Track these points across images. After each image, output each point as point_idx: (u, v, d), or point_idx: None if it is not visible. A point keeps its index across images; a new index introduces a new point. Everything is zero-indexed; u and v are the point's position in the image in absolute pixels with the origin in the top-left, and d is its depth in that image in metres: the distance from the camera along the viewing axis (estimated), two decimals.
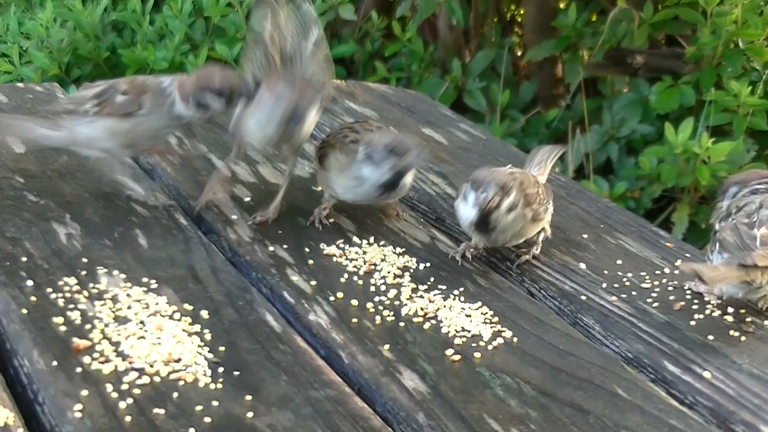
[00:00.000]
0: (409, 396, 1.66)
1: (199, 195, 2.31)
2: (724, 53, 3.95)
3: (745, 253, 1.89)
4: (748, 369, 1.77)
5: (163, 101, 2.22)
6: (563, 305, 2.00)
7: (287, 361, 1.72)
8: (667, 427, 1.62)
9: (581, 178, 4.12)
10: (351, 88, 3.24)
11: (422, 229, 2.26)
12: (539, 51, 4.58)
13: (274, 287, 1.98)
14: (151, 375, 1.64)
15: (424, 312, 1.91)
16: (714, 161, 3.58)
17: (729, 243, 1.94)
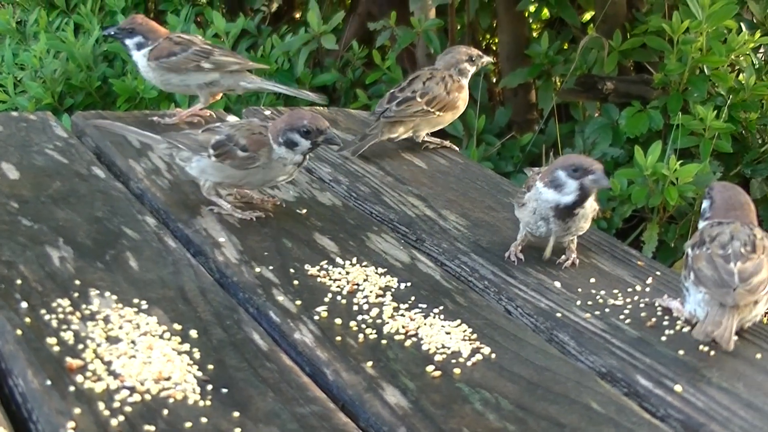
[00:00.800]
0: (391, 411, 1.69)
1: (187, 219, 2.36)
2: (690, 79, 4.00)
3: (725, 291, 1.91)
4: (717, 382, 1.81)
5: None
6: (539, 322, 2.04)
7: (274, 379, 1.75)
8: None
9: None
10: (334, 114, 3.29)
11: (403, 250, 2.30)
12: (513, 78, 4.63)
13: (261, 307, 2.01)
14: (142, 393, 1.66)
15: (405, 330, 1.95)
16: (682, 182, 3.62)
17: (707, 277, 1.95)
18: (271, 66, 4.71)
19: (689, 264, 2.01)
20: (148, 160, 2.69)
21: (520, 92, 4.85)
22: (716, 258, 1.97)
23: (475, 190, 2.68)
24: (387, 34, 4.65)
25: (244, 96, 4.69)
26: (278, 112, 3.20)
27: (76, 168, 2.61)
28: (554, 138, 4.41)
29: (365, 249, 2.29)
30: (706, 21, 3.86)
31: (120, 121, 2.90)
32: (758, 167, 4.17)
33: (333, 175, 2.74)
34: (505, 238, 2.37)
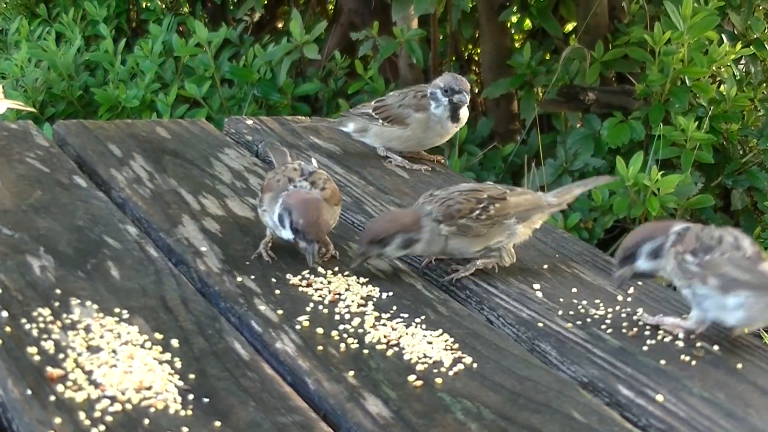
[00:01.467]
0: (373, 421, 1.69)
1: (169, 228, 2.36)
2: (672, 90, 4.02)
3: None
4: (699, 392, 1.81)
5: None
6: (521, 332, 2.04)
7: (255, 388, 1.75)
8: None
9: None
10: (316, 123, 3.28)
11: (385, 260, 2.30)
12: (496, 88, 4.65)
13: (243, 316, 2.01)
14: (123, 402, 1.66)
15: (387, 339, 1.94)
16: (663, 193, 3.63)
17: (747, 281, 1.94)
18: (253, 76, 4.71)
19: (701, 272, 1.98)
20: (130, 169, 2.68)
21: (503, 102, 4.86)
22: (742, 261, 1.97)
23: None
24: (369, 44, 4.66)
25: (226, 106, 4.70)
26: (260, 121, 3.20)
27: (58, 177, 2.60)
28: (536, 148, 4.43)
29: (347, 258, 2.29)
30: (688, 32, 3.88)
31: (101, 131, 2.91)
32: (739, 178, 4.19)
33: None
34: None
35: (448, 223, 2.21)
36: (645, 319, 2.07)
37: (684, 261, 2.00)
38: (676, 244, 2.02)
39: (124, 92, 4.61)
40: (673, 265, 2.02)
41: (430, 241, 2.22)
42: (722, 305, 1.96)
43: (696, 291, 1.98)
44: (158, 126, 3.08)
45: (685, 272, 1.99)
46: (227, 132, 3.14)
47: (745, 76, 4.43)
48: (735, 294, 1.95)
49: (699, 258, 1.99)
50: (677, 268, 2.01)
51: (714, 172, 4.20)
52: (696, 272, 1.98)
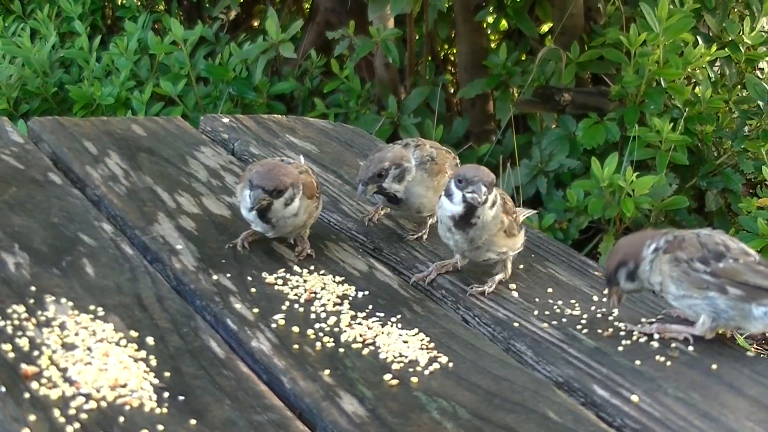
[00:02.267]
0: (348, 420, 1.69)
1: (144, 226, 2.35)
2: (647, 91, 4.04)
3: None
4: (674, 393, 1.82)
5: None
6: (497, 332, 2.05)
7: (231, 386, 1.75)
8: None
9: None
10: (292, 122, 3.27)
11: (361, 259, 2.30)
12: (471, 88, 4.65)
13: (218, 314, 2.01)
14: (98, 400, 1.65)
15: (362, 338, 1.95)
16: (638, 194, 3.64)
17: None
18: (228, 74, 4.70)
19: (717, 281, 1.96)
20: (105, 166, 2.67)
21: (478, 103, 4.87)
22: (759, 266, 1.97)
23: None
24: (345, 43, 4.65)
25: (201, 104, 4.69)
26: (236, 119, 3.20)
27: (33, 174, 2.59)
28: (511, 149, 4.43)
29: (323, 257, 2.29)
30: (663, 34, 3.89)
31: (77, 128, 2.90)
32: (714, 180, 4.21)
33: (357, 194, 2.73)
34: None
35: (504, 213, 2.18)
36: (644, 329, 2.04)
37: (693, 270, 1.97)
38: (674, 250, 2.00)
39: (99, 90, 4.59)
40: (669, 274, 1.99)
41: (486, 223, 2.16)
42: (747, 315, 1.97)
43: (714, 301, 1.97)
44: (134, 123, 3.07)
45: (697, 281, 1.97)
46: (203, 130, 3.13)
47: (720, 78, 4.45)
48: (762, 303, 1.95)
49: (711, 266, 1.97)
50: (682, 277, 1.98)
51: (688, 173, 4.22)
52: (712, 281, 1.96)
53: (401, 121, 4.62)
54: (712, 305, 1.97)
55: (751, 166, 4.19)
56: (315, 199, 2.32)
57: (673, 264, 1.98)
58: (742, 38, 4.33)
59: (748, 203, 3.87)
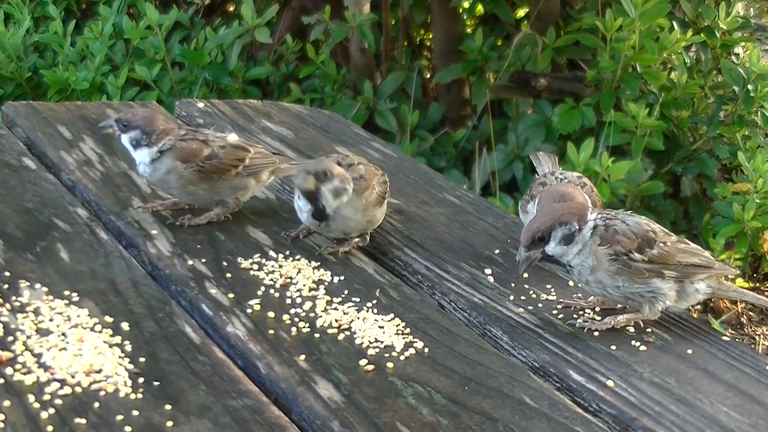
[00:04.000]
0: (324, 405, 1.69)
1: (119, 211, 2.34)
2: (623, 77, 4.05)
3: None
4: (649, 377, 1.83)
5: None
6: (472, 317, 2.05)
7: (206, 372, 1.74)
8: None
9: (488, 195, 4.18)
10: (267, 108, 3.25)
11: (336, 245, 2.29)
12: (447, 74, 4.66)
13: (193, 300, 2.00)
14: (73, 385, 1.65)
15: (338, 323, 1.94)
16: (614, 179, 3.66)
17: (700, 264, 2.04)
18: (204, 59, 4.69)
19: (655, 267, 1.99)
20: (80, 151, 2.66)
21: (454, 88, 4.88)
22: (682, 245, 2.04)
23: (408, 185, 2.68)
24: (321, 28, 4.65)
25: (176, 89, 4.67)
26: (212, 104, 3.19)
27: (6, 159, 2.58)
28: (487, 134, 4.45)
29: (299, 242, 2.28)
30: (639, 19, 3.91)
31: (51, 113, 2.88)
32: (689, 165, 4.23)
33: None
34: (439, 233, 2.38)
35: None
36: (597, 326, 2.00)
37: (632, 261, 1.98)
38: (611, 244, 1.98)
39: (73, 74, 4.57)
40: (607, 268, 1.98)
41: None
42: (683, 292, 2.01)
43: (654, 286, 1.99)
44: (109, 108, 3.06)
45: (637, 272, 1.98)
46: (178, 115, 3.12)
47: (696, 63, 4.47)
48: (694, 280, 2.00)
49: (647, 254, 1.99)
50: (621, 271, 1.98)
51: (664, 159, 4.24)
52: (650, 269, 1.98)
53: (377, 106, 4.63)
54: (652, 291, 1.99)
55: (727, 152, 4.22)
56: (373, 198, 2.29)
57: (612, 258, 1.97)
58: (717, 23, 4.35)
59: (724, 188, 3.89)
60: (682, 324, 2.03)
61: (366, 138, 3.08)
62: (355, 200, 2.24)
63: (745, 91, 4.07)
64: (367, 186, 2.28)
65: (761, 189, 3.77)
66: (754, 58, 4.08)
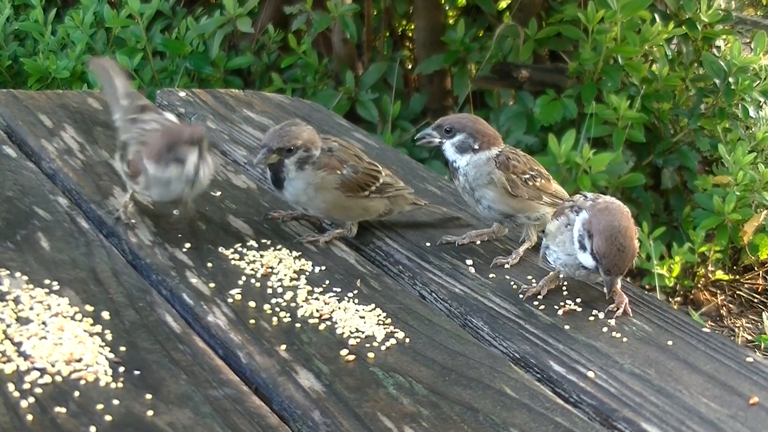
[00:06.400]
0: (305, 395, 1.69)
1: (100, 200, 2.34)
2: (604, 69, 4.06)
3: None
4: (630, 369, 1.83)
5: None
6: (453, 307, 2.05)
7: (187, 361, 1.74)
8: (552, 424, 1.67)
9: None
10: (249, 97, 3.25)
11: (318, 234, 2.29)
12: (429, 64, 4.66)
13: (174, 289, 2.00)
14: (53, 374, 1.65)
15: (319, 313, 1.94)
16: (595, 171, 3.67)
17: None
18: (185, 48, 4.68)
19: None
20: (60, 140, 2.65)
21: (436, 79, 4.88)
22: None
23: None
24: (303, 18, 4.65)
25: (157, 78, 4.66)
26: (193, 94, 3.18)
27: None
28: None
29: (280, 232, 2.28)
30: (621, 11, 3.92)
31: (32, 101, 2.87)
32: (670, 157, 4.24)
33: (248, 158, 2.72)
34: (420, 223, 2.38)
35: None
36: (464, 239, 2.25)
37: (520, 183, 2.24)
38: (505, 169, 2.22)
39: (54, 63, 4.55)
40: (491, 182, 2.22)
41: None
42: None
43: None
44: (89, 97, 3.05)
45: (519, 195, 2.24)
46: (160, 104, 3.11)
47: (677, 55, 4.48)
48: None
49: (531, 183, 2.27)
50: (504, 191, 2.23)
51: (645, 150, 4.25)
52: (531, 194, 2.27)
53: (358, 96, 4.63)
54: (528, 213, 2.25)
55: (707, 144, 4.24)
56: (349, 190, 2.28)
57: (505, 179, 2.22)
58: (699, 16, 4.36)
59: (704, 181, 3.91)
60: (662, 315, 2.03)
61: (348, 128, 3.08)
62: (310, 173, 2.23)
63: (726, 83, 4.08)
64: (330, 165, 2.25)
65: (741, 181, 3.79)
66: (734, 51, 4.09)
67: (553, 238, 2.06)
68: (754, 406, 1.75)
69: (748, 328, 4.14)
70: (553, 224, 2.07)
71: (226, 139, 2.82)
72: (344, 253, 2.22)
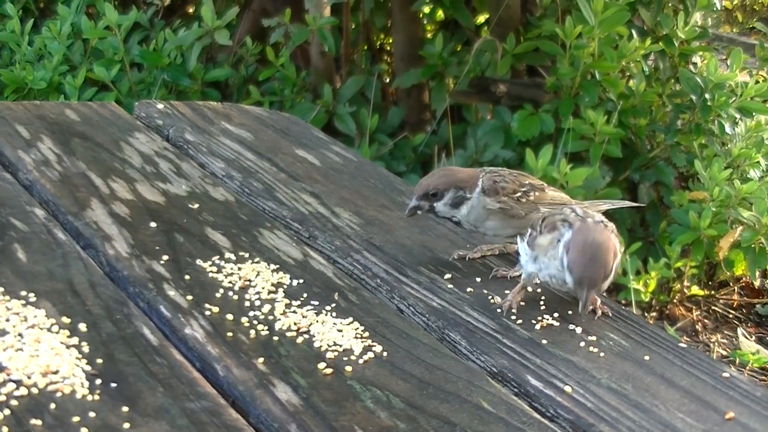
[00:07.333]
0: (282, 408, 1.68)
1: (78, 212, 2.32)
2: (582, 84, 4.08)
3: None
4: (607, 383, 1.83)
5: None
6: (431, 321, 2.04)
7: (164, 374, 1.73)
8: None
9: None
10: (227, 110, 3.24)
11: (296, 247, 2.29)
12: (407, 78, 4.68)
13: (151, 301, 1.99)
14: (29, 386, 1.63)
15: (297, 326, 1.94)
16: (572, 186, 3.67)
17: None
18: (163, 60, 4.68)
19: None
20: (38, 151, 2.64)
21: (414, 93, 4.89)
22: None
23: (368, 189, 2.68)
24: (281, 31, 4.66)
25: (135, 90, 4.66)
26: (171, 106, 3.18)
27: None
28: (446, 139, 4.46)
29: (258, 245, 2.28)
30: (599, 27, 3.94)
31: (9, 111, 2.86)
32: (646, 173, 4.26)
33: (226, 170, 2.72)
34: (398, 237, 2.38)
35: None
36: (470, 254, 2.29)
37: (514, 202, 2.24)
38: (495, 195, 2.23)
39: (31, 74, 4.55)
40: (489, 214, 2.24)
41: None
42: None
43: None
44: (67, 108, 3.04)
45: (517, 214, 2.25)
46: (137, 116, 3.11)
47: (654, 71, 4.50)
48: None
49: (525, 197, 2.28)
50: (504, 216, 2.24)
51: (622, 166, 4.27)
52: (529, 208, 2.26)
53: (336, 109, 4.64)
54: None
55: (684, 160, 4.26)
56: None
57: (499, 208, 2.24)
58: (676, 32, 4.38)
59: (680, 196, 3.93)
60: (639, 331, 2.03)
61: (326, 141, 3.07)
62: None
63: (703, 100, 4.10)
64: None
65: (717, 197, 3.80)
66: (711, 67, 4.11)
67: (544, 251, 2.05)
68: (729, 421, 1.75)
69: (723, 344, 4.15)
70: (545, 238, 2.06)
71: (204, 152, 2.82)
72: (322, 267, 2.22)
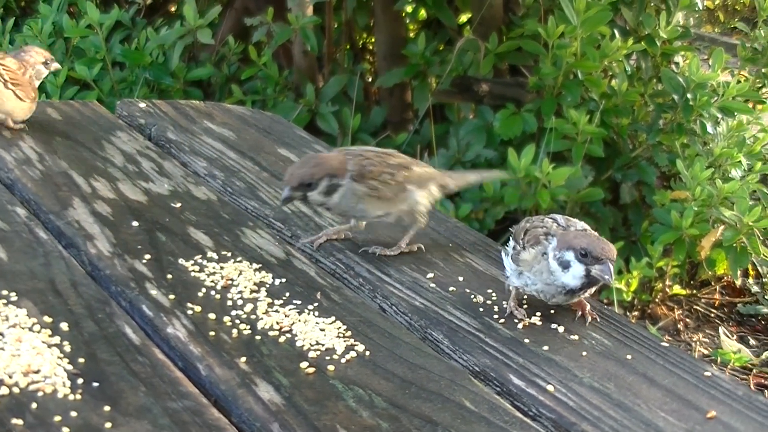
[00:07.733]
0: (264, 407, 1.68)
1: (59, 210, 2.32)
2: (564, 83, 4.08)
3: None
4: (589, 382, 1.84)
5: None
6: (413, 320, 2.05)
7: (146, 373, 1.73)
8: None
9: None
10: (209, 109, 3.24)
11: (278, 246, 2.29)
12: (389, 77, 4.67)
13: (134, 300, 1.98)
14: (10, 386, 1.63)
15: (279, 326, 1.94)
16: (554, 185, 3.68)
17: None
18: (145, 59, 4.66)
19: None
20: (19, 149, 2.64)
21: (396, 92, 4.89)
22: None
23: None
24: (264, 30, 4.65)
25: (117, 89, 4.64)
26: (153, 105, 3.17)
27: None
28: (429, 138, 4.46)
29: (240, 244, 2.28)
30: (581, 26, 3.93)
31: None
32: (628, 172, 4.26)
33: (208, 169, 2.72)
34: (380, 235, 2.38)
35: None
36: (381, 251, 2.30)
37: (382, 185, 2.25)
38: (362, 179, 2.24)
39: None
40: (360, 198, 2.24)
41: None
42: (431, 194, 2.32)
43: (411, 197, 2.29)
44: (49, 107, 3.04)
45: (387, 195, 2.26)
46: (119, 115, 3.10)
47: (636, 71, 4.51)
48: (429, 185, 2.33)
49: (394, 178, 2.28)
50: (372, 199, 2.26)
51: (604, 165, 4.27)
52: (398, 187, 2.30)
53: (319, 109, 4.63)
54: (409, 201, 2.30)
55: (666, 159, 4.26)
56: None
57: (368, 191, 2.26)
58: (658, 32, 4.38)
59: (662, 196, 3.93)
60: (621, 330, 2.04)
61: (308, 140, 3.07)
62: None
63: (685, 99, 4.10)
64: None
65: (699, 197, 3.81)
66: (693, 67, 4.11)
67: (529, 266, 2.05)
68: (711, 420, 1.76)
69: (705, 343, 4.16)
70: (529, 253, 2.05)
71: (186, 151, 2.81)
72: (305, 266, 2.22)
